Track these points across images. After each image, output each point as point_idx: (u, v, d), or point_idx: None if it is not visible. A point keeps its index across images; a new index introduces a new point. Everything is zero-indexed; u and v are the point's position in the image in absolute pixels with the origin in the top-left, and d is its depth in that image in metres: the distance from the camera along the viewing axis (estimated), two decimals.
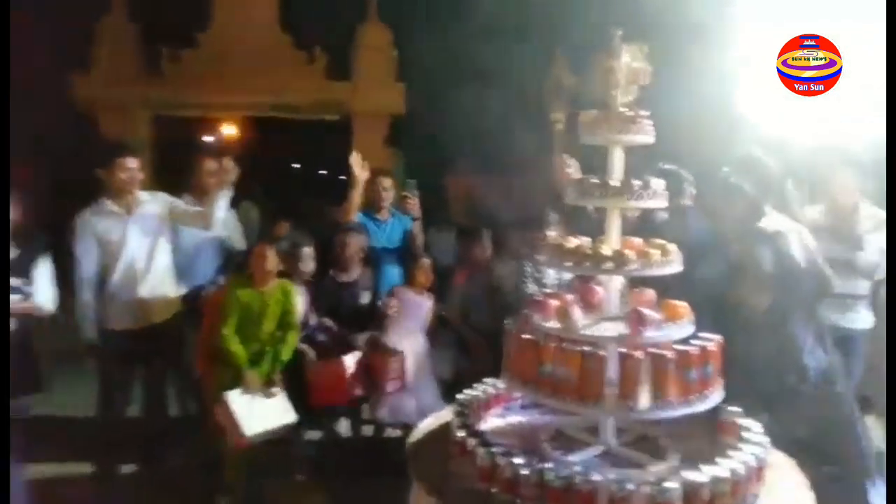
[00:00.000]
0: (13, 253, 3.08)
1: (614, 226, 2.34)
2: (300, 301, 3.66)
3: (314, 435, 3.96)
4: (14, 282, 3.01)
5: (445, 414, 2.63)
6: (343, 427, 4.08)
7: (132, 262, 3.52)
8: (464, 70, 8.26)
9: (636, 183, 2.24)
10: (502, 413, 2.64)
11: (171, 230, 3.71)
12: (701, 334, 2.22)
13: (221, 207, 3.65)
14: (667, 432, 2.35)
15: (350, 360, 3.61)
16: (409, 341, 3.83)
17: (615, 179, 2.28)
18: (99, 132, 7.25)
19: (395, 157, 7.75)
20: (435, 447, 2.41)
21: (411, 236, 4.26)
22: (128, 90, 7.45)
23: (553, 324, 2.22)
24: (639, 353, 2.06)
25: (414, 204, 4.27)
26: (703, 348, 2.13)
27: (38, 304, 3.10)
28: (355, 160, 4.22)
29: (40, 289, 3.12)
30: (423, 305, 3.95)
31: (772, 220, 2.91)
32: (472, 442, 2.15)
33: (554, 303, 2.27)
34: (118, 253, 3.49)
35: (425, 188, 4.40)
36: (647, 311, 2.13)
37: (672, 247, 2.28)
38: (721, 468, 1.96)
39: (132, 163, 3.51)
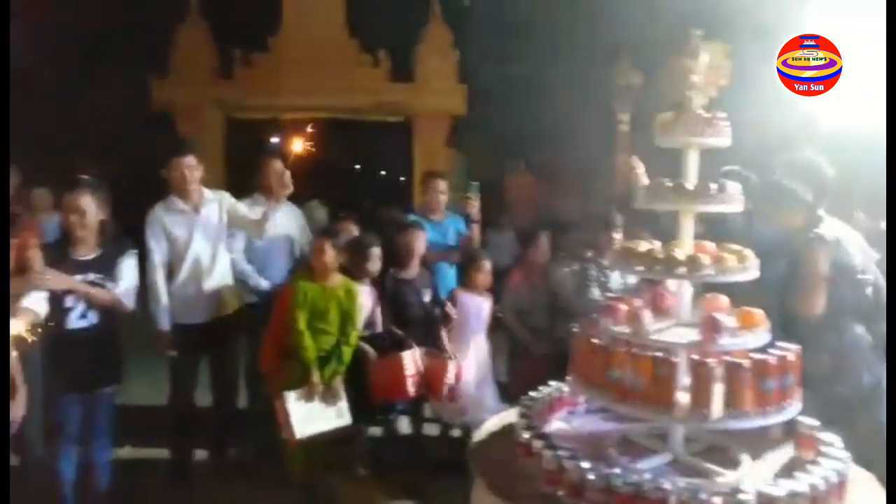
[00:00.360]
0: (96, 252, 3.16)
1: (687, 230, 2.29)
2: (367, 299, 3.72)
3: (375, 431, 4.02)
4: (94, 277, 3.11)
5: (508, 415, 2.63)
6: (403, 425, 4.13)
7: (198, 259, 3.64)
8: (527, 70, 8.23)
9: (712, 186, 2.18)
10: (566, 417, 2.62)
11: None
12: (778, 343, 2.14)
13: (276, 218, 3.84)
14: (738, 443, 2.28)
15: (408, 357, 3.65)
16: (470, 343, 3.84)
17: (690, 182, 2.23)
18: (174, 133, 7.56)
19: (456, 158, 7.77)
20: (499, 448, 2.41)
21: (466, 238, 4.27)
22: (202, 93, 7.71)
23: (623, 328, 2.19)
24: (712, 361, 2.01)
25: (474, 206, 4.28)
26: (783, 358, 2.06)
27: (123, 299, 3.18)
28: None
29: (126, 284, 3.20)
30: (484, 307, 3.95)
31: (830, 227, 2.78)
32: (537, 444, 2.15)
33: (623, 307, 2.24)
34: (185, 250, 3.61)
35: (486, 189, 4.41)
36: (722, 318, 2.08)
37: (749, 252, 2.22)
38: (799, 482, 1.89)
39: (190, 161, 3.64)
